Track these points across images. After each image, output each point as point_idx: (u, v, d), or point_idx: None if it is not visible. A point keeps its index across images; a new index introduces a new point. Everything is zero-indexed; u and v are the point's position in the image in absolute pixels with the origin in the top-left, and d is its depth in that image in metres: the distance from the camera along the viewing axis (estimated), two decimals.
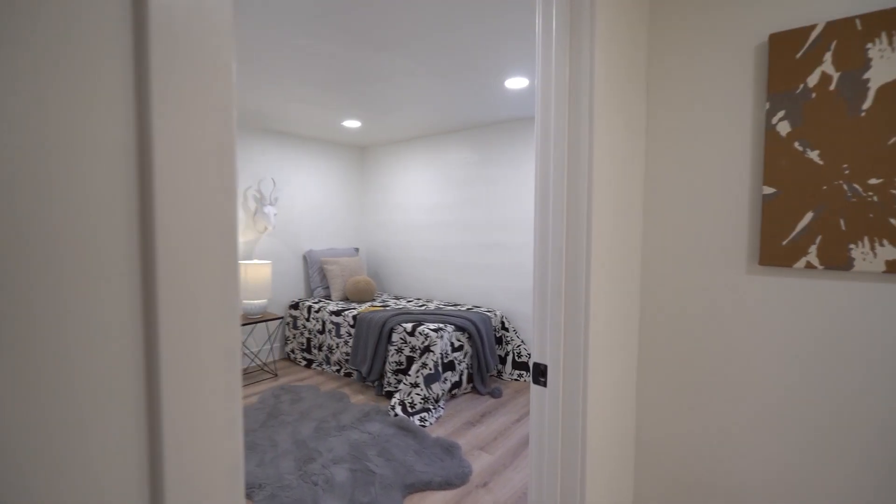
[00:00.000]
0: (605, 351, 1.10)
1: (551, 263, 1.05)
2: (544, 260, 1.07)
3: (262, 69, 2.47)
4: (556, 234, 1.04)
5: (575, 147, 1.01)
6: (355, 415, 2.83)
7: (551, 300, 1.05)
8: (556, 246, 1.04)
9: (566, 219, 1.03)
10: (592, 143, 0.99)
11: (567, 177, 1.02)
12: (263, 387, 3.40)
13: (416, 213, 4.44)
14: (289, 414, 2.85)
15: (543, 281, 1.07)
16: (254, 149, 3.88)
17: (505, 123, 3.70)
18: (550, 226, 1.05)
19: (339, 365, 3.66)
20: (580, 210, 1.01)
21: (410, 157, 4.46)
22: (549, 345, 1.06)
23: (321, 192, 4.49)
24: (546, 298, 1.06)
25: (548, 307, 1.06)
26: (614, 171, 1.09)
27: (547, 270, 1.06)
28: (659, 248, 1.26)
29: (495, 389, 3.22)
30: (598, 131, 1.00)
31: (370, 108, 3.27)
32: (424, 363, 2.92)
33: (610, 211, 1.08)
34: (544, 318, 1.07)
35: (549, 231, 1.05)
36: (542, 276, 1.07)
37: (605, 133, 1.04)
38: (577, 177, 1.01)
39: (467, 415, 2.91)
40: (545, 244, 1.06)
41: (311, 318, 3.87)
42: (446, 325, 3.18)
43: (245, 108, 3.25)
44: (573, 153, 1.01)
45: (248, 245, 3.89)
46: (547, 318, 1.06)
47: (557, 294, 1.04)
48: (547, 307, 1.06)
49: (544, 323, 1.07)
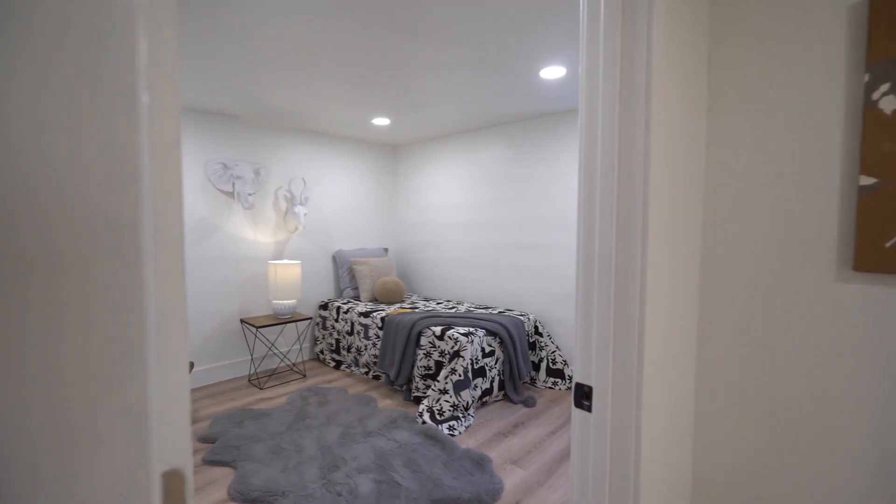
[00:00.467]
0: (661, 371, 0.94)
1: (598, 269, 0.90)
2: (590, 265, 0.92)
3: (288, 65, 2.43)
4: (605, 234, 0.89)
5: (627, 136, 0.86)
6: (382, 421, 2.74)
7: (598, 311, 0.90)
8: (605, 248, 0.89)
9: (616, 217, 0.87)
10: (649, 129, 0.84)
11: (618, 171, 0.87)
12: (292, 387, 3.38)
13: (447, 213, 4.33)
14: (315, 417, 2.80)
15: (589, 289, 0.92)
16: (285, 148, 3.88)
17: (540, 118, 3.53)
18: (597, 225, 0.90)
19: (368, 367, 3.60)
20: (634, 206, 0.85)
21: (441, 155, 4.35)
22: (595, 363, 0.91)
23: (351, 192, 4.46)
24: (591, 309, 0.92)
25: (594, 319, 0.91)
26: (672, 162, 0.93)
27: (593, 277, 0.91)
28: (722, 250, 1.08)
29: (529, 398, 3.06)
30: (655, 116, 0.85)
31: (399, 105, 3.18)
32: (454, 369, 2.80)
33: (667, 207, 0.92)
34: (589, 331, 0.92)
35: (595, 231, 0.90)
36: (588, 283, 0.92)
37: (663, 117, 0.88)
38: (631, 171, 0.86)
39: (499, 424, 2.77)
40: (590, 246, 0.92)
41: (339, 319, 3.84)
42: (477, 329, 3.04)
43: (275, 106, 3.24)
44: (625, 143, 0.86)
45: (279, 245, 3.89)
46: (592, 332, 0.92)
47: (606, 304, 0.89)
48: (593, 319, 0.91)
49: (589, 337, 0.92)
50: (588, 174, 0.92)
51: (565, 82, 2.70)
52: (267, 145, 3.76)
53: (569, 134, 3.36)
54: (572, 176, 3.35)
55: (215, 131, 3.42)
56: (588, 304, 0.93)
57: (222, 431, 2.58)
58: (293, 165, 3.96)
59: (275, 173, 3.83)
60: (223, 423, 2.71)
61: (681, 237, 1.00)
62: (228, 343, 3.55)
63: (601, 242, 0.90)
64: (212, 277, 3.44)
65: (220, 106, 3.21)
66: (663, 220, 0.90)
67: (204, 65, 2.41)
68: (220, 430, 2.60)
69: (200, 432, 2.62)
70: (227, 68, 2.46)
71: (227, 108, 3.28)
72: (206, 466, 2.27)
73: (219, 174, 3.43)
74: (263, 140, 3.73)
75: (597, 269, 0.91)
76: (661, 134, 0.88)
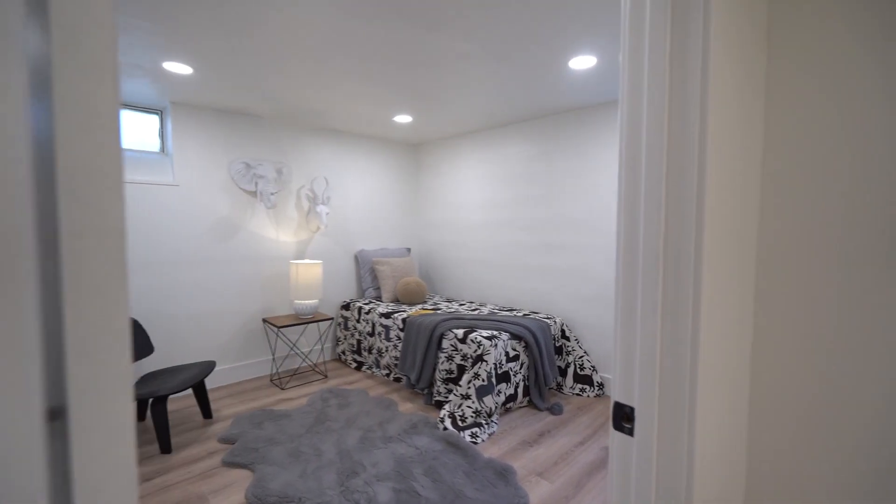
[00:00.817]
0: (715, 389, 0.82)
1: (643, 273, 0.79)
2: (632, 268, 0.80)
3: (309, 61, 2.38)
4: (651, 233, 0.77)
5: (678, 121, 0.74)
6: (403, 425, 2.66)
7: (642, 321, 0.79)
8: (651, 249, 0.77)
9: (665, 213, 0.76)
10: (706, 112, 0.72)
11: (666, 162, 0.75)
12: (313, 388, 3.35)
13: (471, 212, 4.23)
14: (335, 420, 2.75)
15: (631, 296, 0.80)
16: (307, 147, 3.86)
17: (568, 113, 3.38)
18: (641, 223, 0.78)
19: (389, 369, 3.53)
20: (686, 200, 0.73)
21: (465, 153, 4.25)
22: (639, 381, 0.80)
23: (374, 191, 4.41)
24: (634, 319, 0.80)
25: (637, 330, 0.80)
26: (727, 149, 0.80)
27: (636, 282, 0.80)
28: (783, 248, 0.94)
29: (555, 405, 2.92)
30: (712, 96, 0.73)
31: (421, 100, 3.10)
32: (477, 373, 2.70)
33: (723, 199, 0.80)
34: (631, 344, 0.81)
35: (639, 230, 0.79)
36: (630, 289, 0.81)
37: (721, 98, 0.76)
38: (683, 162, 0.74)
39: (523, 433, 2.65)
40: (633, 247, 0.80)
41: (361, 320, 3.79)
42: (501, 332, 2.93)
43: (297, 105, 3.21)
44: (675, 128, 0.74)
45: (301, 244, 3.88)
46: (635, 345, 0.80)
47: (652, 313, 0.77)
48: (636, 330, 0.80)
49: (631, 351, 0.81)
50: (630, 167, 0.81)
51: (595, 73, 2.55)
52: (290, 145, 3.75)
53: (597, 129, 3.20)
54: (601, 173, 3.19)
55: (238, 131, 3.43)
56: (630, 313, 0.81)
57: (242, 432, 2.56)
58: (315, 165, 3.94)
59: (297, 173, 3.82)
60: (243, 423, 2.69)
61: (737, 234, 0.87)
62: (250, 342, 3.56)
63: (646, 243, 0.78)
64: (234, 277, 3.45)
65: (243, 105, 3.21)
66: (720, 215, 0.78)
67: (227, 63, 2.39)
68: (240, 431, 2.58)
69: (221, 432, 2.61)
70: (248, 66, 2.43)
71: (250, 108, 3.28)
72: (225, 468, 2.24)
73: (242, 174, 3.44)
74: (286, 139, 3.72)
75: (641, 273, 0.79)
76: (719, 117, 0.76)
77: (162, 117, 3.25)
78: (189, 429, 2.67)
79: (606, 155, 3.16)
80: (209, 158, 3.30)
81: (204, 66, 2.42)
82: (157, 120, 3.25)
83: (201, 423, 2.74)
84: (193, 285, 3.23)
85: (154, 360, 3.06)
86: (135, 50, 2.21)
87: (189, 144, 3.20)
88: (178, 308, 3.16)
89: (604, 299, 3.21)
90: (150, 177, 3.08)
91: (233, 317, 3.45)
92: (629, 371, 0.82)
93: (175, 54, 2.27)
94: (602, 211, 3.20)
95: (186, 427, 2.70)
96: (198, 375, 2.59)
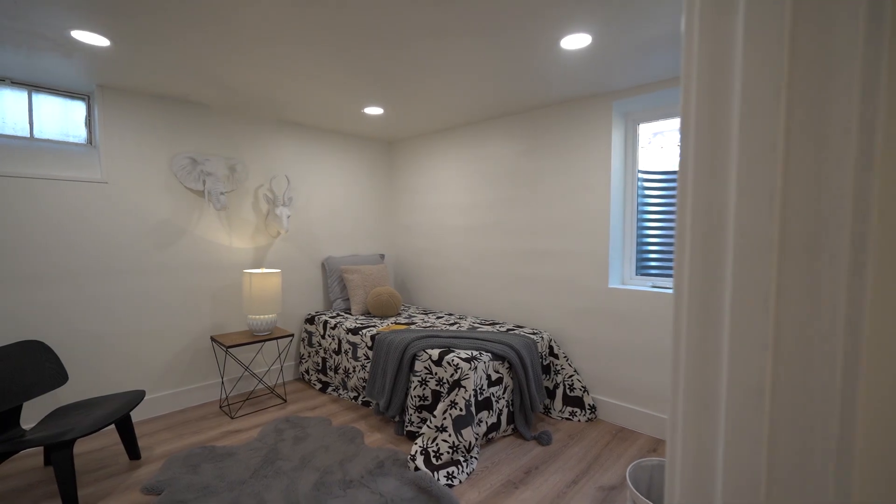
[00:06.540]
0: None
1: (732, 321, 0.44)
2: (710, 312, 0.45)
3: (257, 32, 1.99)
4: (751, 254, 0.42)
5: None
6: (367, 464, 2.27)
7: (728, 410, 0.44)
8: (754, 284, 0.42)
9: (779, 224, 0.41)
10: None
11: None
12: (268, 416, 2.92)
13: (450, 216, 3.87)
14: (288, 458, 2.34)
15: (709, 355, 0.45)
16: (265, 142, 3.44)
17: (558, 105, 3.06)
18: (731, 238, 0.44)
19: (357, 392, 3.14)
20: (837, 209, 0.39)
21: (443, 151, 3.90)
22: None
23: (343, 192, 4.01)
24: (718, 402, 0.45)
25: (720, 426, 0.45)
26: None
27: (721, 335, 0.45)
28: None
29: (542, 434, 2.58)
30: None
31: (392, 88, 2.73)
32: (454, 402, 2.33)
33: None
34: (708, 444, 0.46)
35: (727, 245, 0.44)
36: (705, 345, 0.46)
37: None
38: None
39: (507, 470, 2.29)
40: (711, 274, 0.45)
41: (326, 336, 3.38)
42: (481, 352, 2.57)
43: (248, 91, 2.80)
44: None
45: (260, 251, 3.45)
46: (718, 453, 0.45)
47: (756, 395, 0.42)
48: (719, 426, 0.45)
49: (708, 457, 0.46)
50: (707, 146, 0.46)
51: (590, 56, 2.23)
52: (244, 139, 3.32)
53: (591, 124, 2.89)
54: (593, 173, 2.88)
55: (183, 122, 2.99)
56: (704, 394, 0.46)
57: (172, 478, 2.13)
58: (275, 162, 3.52)
59: (254, 170, 3.39)
60: (176, 466, 2.25)
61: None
62: (196, 364, 3.11)
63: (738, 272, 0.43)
64: (177, 289, 3.00)
65: (185, 91, 2.78)
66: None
67: (152, 36, 1.97)
68: (169, 477, 2.14)
69: (147, 479, 2.17)
70: (179, 41, 2.02)
71: (194, 95, 2.85)
72: None
73: (187, 170, 3.00)
74: (240, 133, 3.30)
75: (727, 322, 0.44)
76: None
77: (89, 103, 2.79)
78: (109, 475, 2.22)
79: (598, 153, 2.85)
80: (146, 152, 2.85)
81: (123, 37, 2.00)
82: (83, 107, 2.79)
83: (126, 467, 2.29)
84: (125, 299, 2.77)
85: (72, 391, 2.59)
86: (32, 12, 1.78)
87: (121, 135, 2.75)
88: (104, 327, 2.69)
89: (596, 312, 2.89)
90: (72, 172, 2.62)
91: (175, 335, 3.00)
92: (702, 496, 0.46)
93: (84, 20, 1.84)
94: (594, 214, 2.88)
95: (106, 472, 2.24)
96: (119, 410, 2.14)
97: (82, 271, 2.61)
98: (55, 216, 2.52)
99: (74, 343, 2.59)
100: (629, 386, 2.77)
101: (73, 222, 2.58)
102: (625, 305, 2.76)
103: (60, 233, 2.54)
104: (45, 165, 2.57)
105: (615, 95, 2.76)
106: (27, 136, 2.59)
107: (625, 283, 2.95)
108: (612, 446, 2.54)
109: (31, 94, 2.62)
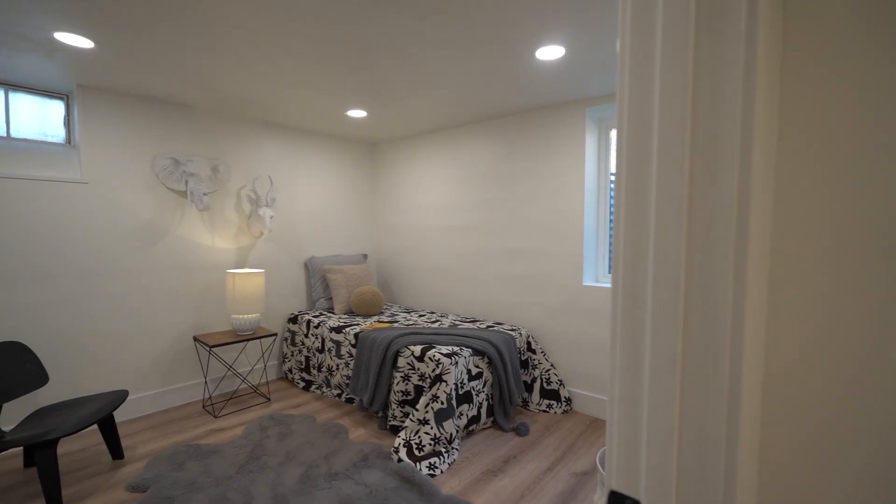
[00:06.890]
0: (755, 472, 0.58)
1: (653, 305, 0.54)
2: (637, 298, 0.56)
3: (244, 38, 2.04)
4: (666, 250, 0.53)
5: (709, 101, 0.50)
6: (351, 458, 2.35)
7: (652, 379, 0.54)
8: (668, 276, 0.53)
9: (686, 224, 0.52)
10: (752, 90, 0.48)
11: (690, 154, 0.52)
12: (252, 415, 2.96)
13: (431, 216, 3.96)
14: (273, 454, 2.39)
15: (635, 341, 0.56)
16: (248, 143, 3.47)
17: (534, 111, 3.19)
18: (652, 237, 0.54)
19: (341, 389, 3.20)
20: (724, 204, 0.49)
21: (425, 153, 3.98)
22: (647, 464, 0.55)
23: (326, 193, 4.06)
24: (640, 375, 0.55)
25: (644, 392, 0.55)
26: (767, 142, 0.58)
27: (643, 320, 0.55)
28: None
29: (520, 426, 2.69)
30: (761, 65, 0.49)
31: (376, 92, 2.81)
32: (435, 395, 2.43)
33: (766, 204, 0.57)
34: (635, 410, 0.56)
35: (649, 244, 0.54)
36: (634, 329, 0.56)
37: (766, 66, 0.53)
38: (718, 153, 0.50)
39: (487, 459, 2.39)
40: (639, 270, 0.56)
41: (309, 334, 3.43)
42: (462, 347, 2.67)
43: (233, 93, 2.83)
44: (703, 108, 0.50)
45: (243, 252, 3.47)
46: (642, 412, 0.55)
47: (669, 367, 0.53)
48: (642, 392, 0.55)
49: (635, 420, 0.56)
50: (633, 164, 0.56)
51: (564, 66, 2.35)
52: (227, 139, 3.34)
53: (566, 129, 3.02)
54: (567, 176, 3.01)
55: (165, 122, 3.00)
56: (633, 366, 0.56)
57: (157, 476, 2.16)
58: (258, 162, 3.54)
59: (237, 171, 3.42)
60: (161, 464, 2.28)
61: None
62: (179, 364, 3.12)
63: (658, 265, 0.54)
64: (159, 289, 3.00)
65: (167, 92, 2.80)
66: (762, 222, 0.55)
67: (135, 38, 2.00)
68: (154, 475, 2.17)
69: (132, 477, 2.19)
70: (163, 42, 2.06)
71: (176, 95, 2.87)
72: None
73: (169, 171, 3.01)
74: (223, 134, 3.32)
75: (650, 304, 0.54)
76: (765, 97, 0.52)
77: (68, 103, 2.78)
78: (92, 474, 2.24)
79: (573, 157, 2.98)
80: (128, 152, 2.85)
81: (107, 38, 2.03)
82: (62, 106, 2.77)
83: (109, 466, 2.31)
84: (106, 300, 2.77)
85: (53, 392, 2.58)
86: (16, 15, 1.79)
87: (102, 135, 2.74)
88: (85, 328, 2.69)
89: (571, 309, 3.03)
90: (51, 172, 2.61)
91: (158, 335, 3.00)
92: (633, 451, 0.57)
93: (69, 23, 1.87)
94: (569, 215, 3.02)
95: (89, 472, 2.26)
96: (103, 409, 2.16)
97: (62, 272, 2.60)
98: (34, 216, 2.51)
99: (56, 344, 2.59)
100: (603, 378, 2.91)
101: (52, 223, 2.57)
102: (598, 302, 2.90)
103: (40, 233, 2.53)
104: (23, 165, 2.55)
105: (588, 103, 2.89)
106: (3, 136, 2.57)
107: (598, 280, 3.10)
108: (586, 435, 2.67)
109: (7, 93, 2.60)
